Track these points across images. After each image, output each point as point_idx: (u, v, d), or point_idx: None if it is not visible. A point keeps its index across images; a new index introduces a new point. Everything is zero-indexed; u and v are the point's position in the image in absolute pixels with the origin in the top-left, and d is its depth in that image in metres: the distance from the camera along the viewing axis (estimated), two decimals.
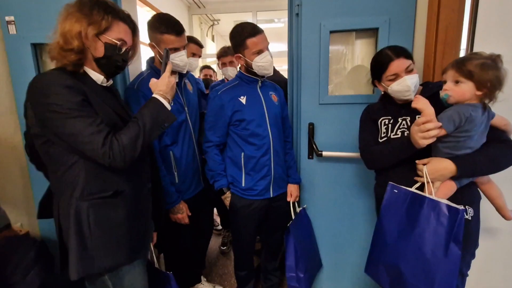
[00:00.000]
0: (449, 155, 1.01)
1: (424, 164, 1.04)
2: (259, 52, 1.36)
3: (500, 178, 1.10)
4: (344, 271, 1.72)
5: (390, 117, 1.18)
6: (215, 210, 2.45)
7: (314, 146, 1.56)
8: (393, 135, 1.15)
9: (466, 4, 1.24)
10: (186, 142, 1.48)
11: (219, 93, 1.43)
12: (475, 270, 1.15)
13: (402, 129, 1.14)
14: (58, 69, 0.90)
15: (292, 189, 1.59)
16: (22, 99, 0.89)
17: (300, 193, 1.66)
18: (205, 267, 2.08)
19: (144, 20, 1.38)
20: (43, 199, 1.05)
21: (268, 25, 5.44)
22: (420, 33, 1.39)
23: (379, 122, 1.20)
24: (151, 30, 1.34)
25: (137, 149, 0.90)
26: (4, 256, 1.26)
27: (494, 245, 1.39)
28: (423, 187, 1.04)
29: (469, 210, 1.06)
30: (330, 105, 1.54)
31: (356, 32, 1.54)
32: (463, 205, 1.04)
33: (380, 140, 1.19)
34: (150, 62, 1.46)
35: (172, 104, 1.00)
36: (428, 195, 1.01)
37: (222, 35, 6.40)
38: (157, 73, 1.36)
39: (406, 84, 1.07)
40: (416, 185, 1.08)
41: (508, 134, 1.05)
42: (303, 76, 1.54)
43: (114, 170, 0.91)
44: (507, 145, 1.02)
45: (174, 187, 1.43)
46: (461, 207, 0.93)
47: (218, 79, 2.78)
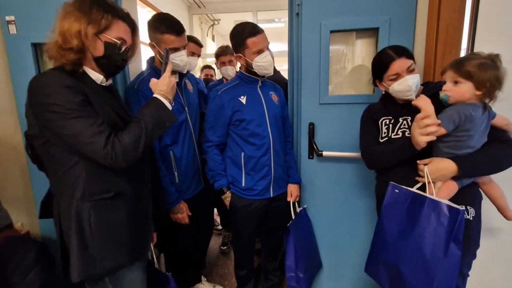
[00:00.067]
0: (450, 155, 1.01)
1: (425, 164, 1.04)
2: (260, 52, 1.36)
3: (502, 178, 1.09)
4: (344, 271, 1.72)
5: (391, 117, 1.18)
6: (215, 210, 2.45)
7: (315, 146, 1.56)
8: (394, 135, 1.15)
9: (467, 4, 1.24)
10: (186, 142, 1.48)
11: (219, 93, 1.43)
12: (476, 270, 1.15)
13: (403, 129, 1.14)
14: (57, 69, 0.89)
15: (292, 189, 1.59)
16: (22, 99, 0.88)
17: (300, 193, 1.66)
18: (205, 267, 2.08)
19: (145, 21, 1.38)
20: (45, 199, 1.04)
21: (269, 25, 5.43)
22: (421, 33, 1.39)
23: (380, 122, 1.20)
24: (151, 30, 1.34)
25: (139, 150, 0.89)
26: (5, 256, 1.25)
27: (495, 245, 1.39)
28: (425, 188, 1.04)
29: (470, 211, 1.06)
30: (331, 105, 1.54)
31: (357, 32, 1.54)
32: (464, 205, 1.04)
33: (381, 140, 1.19)
34: (151, 62, 1.46)
35: (173, 104, 1.00)
36: (429, 195, 1.00)
37: (223, 35, 6.40)
38: (157, 73, 1.36)
39: (408, 84, 1.07)
40: (417, 185, 1.08)
41: (510, 134, 1.04)
42: (304, 76, 1.54)
43: (115, 171, 0.90)
44: (509, 145, 1.02)
45: (174, 187, 1.43)
46: (462, 208, 0.93)
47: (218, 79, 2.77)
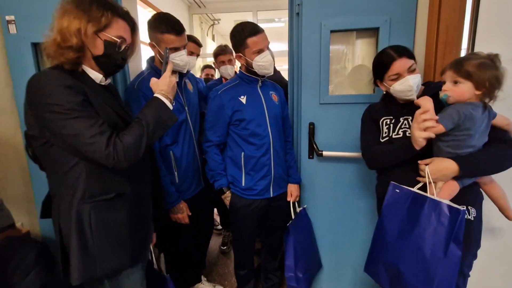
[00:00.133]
0: (451, 155, 1.01)
1: (426, 164, 1.04)
2: (260, 52, 1.36)
3: (502, 179, 1.09)
4: (344, 271, 1.72)
5: (392, 117, 1.18)
6: (215, 210, 2.45)
7: (315, 146, 1.56)
8: (395, 135, 1.15)
9: (467, 4, 1.24)
10: (186, 142, 1.48)
11: (219, 93, 1.43)
12: (477, 271, 1.15)
13: (404, 129, 1.13)
14: (56, 68, 0.87)
15: (292, 189, 1.59)
16: (22, 99, 0.87)
17: (301, 193, 1.66)
18: (205, 267, 2.08)
19: (146, 21, 1.37)
20: (46, 199, 1.03)
21: (269, 25, 5.43)
22: (421, 33, 1.39)
23: (381, 122, 1.20)
24: (151, 30, 1.34)
25: (141, 150, 0.88)
26: (5, 256, 1.25)
27: (497, 246, 1.39)
28: (426, 188, 1.04)
29: (472, 211, 1.06)
30: (331, 105, 1.54)
31: (357, 32, 1.54)
32: (466, 206, 1.03)
33: (382, 140, 1.19)
34: (150, 62, 1.45)
35: (173, 104, 1.00)
36: (430, 195, 1.00)
37: (223, 35, 6.40)
38: (157, 73, 1.36)
39: (409, 84, 1.07)
40: (418, 185, 1.08)
41: (510, 134, 1.04)
42: (304, 76, 1.54)
43: (116, 171, 0.89)
44: (509, 145, 1.02)
45: (174, 187, 1.43)
46: (462, 208, 0.93)
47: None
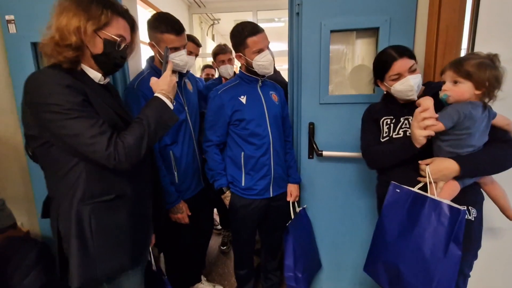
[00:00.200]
0: (452, 155, 1.01)
1: (427, 164, 1.04)
2: (260, 51, 1.36)
3: (503, 179, 1.09)
4: (344, 271, 1.72)
5: (392, 117, 1.18)
6: (215, 210, 2.45)
7: (315, 146, 1.56)
8: (395, 135, 1.15)
9: (467, 4, 1.24)
10: (186, 142, 1.48)
11: (219, 93, 1.43)
12: (477, 271, 1.15)
13: (404, 129, 1.13)
14: (54, 67, 0.85)
15: (292, 189, 1.59)
16: None
17: (300, 193, 1.66)
18: (205, 267, 2.08)
19: (146, 21, 1.37)
20: (47, 199, 1.02)
21: (269, 25, 5.42)
22: (421, 33, 1.39)
23: (381, 122, 1.20)
24: (151, 29, 1.33)
25: (142, 150, 0.86)
26: (5, 256, 1.24)
27: (497, 246, 1.39)
28: (426, 188, 1.04)
29: (472, 211, 1.06)
30: (331, 105, 1.54)
31: (357, 32, 1.54)
32: (466, 206, 1.03)
33: (382, 140, 1.19)
34: (150, 62, 1.45)
35: (174, 104, 0.99)
36: (430, 195, 1.00)
37: (223, 34, 6.39)
38: (157, 73, 1.36)
39: (409, 84, 1.07)
40: (419, 185, 1.07)
41: (511, 134, 1.04)
42: (304, 76, 1.54)
43: (116, 172, 0.87)
44: (510, 145, 1.02)
45: (174, 187, 1.43)
46: (463, 208, 0.93)
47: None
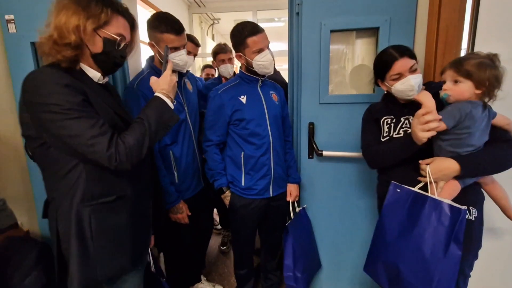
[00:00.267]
0: (452, 154, 1.01)
1: (427, 164, 1.03)
2: (260, 51, 1.36)
3: (504, 178, 1.09)
4: (344, 271, 1.72)
5: (393, 117, 1.18)
6: (215, 210, 2.45)
7: (314, 146, 1.56)
8: (396, 135, 1.15)
9: (467, 4, 1.24)
10: (186, 142, 1.48)
11: (219, 92, 1.43)
12: (478, 271, 1.15)
13: (405, 128, 1.14)
14: (53, 66, 0.83)
15: (292, 189, 1.59)
16: None
17: (300, 193, 1.66)
18: (205, 267, 2.08)
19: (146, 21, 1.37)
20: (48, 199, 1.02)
21: (268, 24, 5.42)
22: (421, 33, 1.39)
23: (382, 122, 1.20)
24: (151, 29, 1.33)
25: (144, 151, 0.86)
26: (6, 257, 1.23)
27: (498, 246, 1.39)
28: (427, 187, 1.04)
29: (473, 211, 1.06)
30: (331, 105, 1.53)
31: (357, 32, 1.54)
32: (467, 206, 1.03)
33: (383, 140, 1.19)
34: (150, 61, 1.45)
35: (175, 103, 0.99)
36: (430, 195, 1.00)
37: (222, 34, 6.39)
38: (157, 73, 1.35)
39: (410, 84, 1.07)
40: (419, 185, 1.07)
41: (511, 134, 1.04)
42: (304, 76, 1.54)
43: (116, 172, 0.86)
44: (510, 145, 1.02)
45: (174, 187, 1.42)
46: (463, 207, 0.93)
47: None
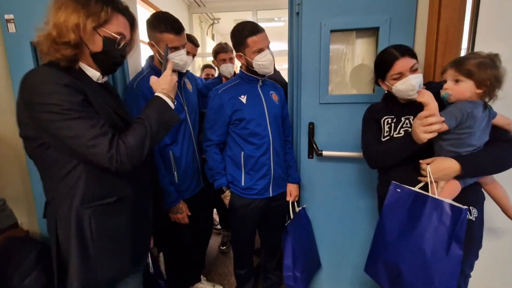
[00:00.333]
0: (453, 154, 1.01)
1: (428, 164, 1.03)
2: (260, 51, 1.36)
3: (504, 178, 1.09)
4: (344, 271, 1.72)
5: (393, 117, 1.17)
6: (214, 210, 2.45)
7: (314, 146, 1.56)
8: (396, 134, 1.15)
9: (467, 4, 1.24)
10: (186, 142, 1.48)
11: (219, 92, 1.43)
12: (478, 271, 1.14)
13: (405, 128, 1.13)
14: (52, 65, 0.82)
15: (292, 189, 1.59)
16: None
17: (300, 193, 1.66)
18: (205, 267, 2.08)
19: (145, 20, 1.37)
20: None
21: (268, 24, 5.42)
22: (421, 33, 1.39)
23: (382, 122, 1.20)
24: (150, 29, 1.33)
25: (145, 151, 0.85)
26: (6, 257, 1.23)
27: (498, 246, 1.38)
28: (427, 187, 1.03)
29: (473, 211, 1.05)
30: (331, 105, 1.53)
31: (357, 32, 1.54)
32: (467, 206, 1.03)
33: (383, 140, 1.19)
34: (150, 61, 1.45)
35: (175, 103, 0.99)
36: (431, 194, 1.00)
37: (222, 34, 6.38)
38: (157, 72, 1.35)
39: (411, 84, 1.07)
40: (420, 185, 1.07)
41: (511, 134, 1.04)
42: (303, 76, 1.53)
43: (117, 173, 0.85)
44: (511, 144, 1.02)
45: (174, 187, 1.42)
46: (464, 207, 0.93)
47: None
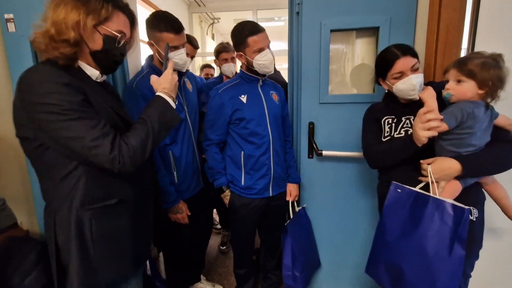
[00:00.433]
0: (454, 154, 1.01)
1: (429, 164, 1.03)
2: (260, 50, 1.36)
3: (505, 178, 1.09)
4: (344, 271, 1.72)
5: (394, 117, 1.17)
6: (214, 210, 2.45)
7: (314, 146, 1.55)
8: (397, 134, 1.15)
9: (468, 4, 1.24)
10: (186, 142, 1.47)
11: (220, 92, 1.43)
12: (479, 271, 1.14)
13: (406, 128, 1.13)
14: (50, 63, 0.80)
15: (292, 189, 1.59)
16: None
17: (300, 193, 1.66)
18: (205, 266, 2.08)
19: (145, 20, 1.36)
20: None
21: (268, 24, 5.41)
22: (421, 33, 1.39)
23: (382, 122, 1.19)
24: (150, 28, 1.33)
25: (147, 152, 0.84)
26: (6, 257, 1.23)
27: (499, 246, 1.38)
28: (428, 187, 1.03)
29: (474, 211, 1.05)
30: (330, 104, 1.53)
31: (357, 31, 1.54)
32: (468, 206, 1.03)
33: (384, 140, 1.18)
34: (149, 61, 1.45)
35: (177, 103, 0.98)
36: (432, 195, 1.00)
37: (222, 34, 6.38)
38: (156, 72, 1.35)
39: (412, 83, 1.06)
40: (420, 185, 1.07)
41: None
42: (304, 75, 1.53)
43: (118, 175, 0.83)
44: None
45: (174, 187, 1.42)
46: (466, 207, 0.93)
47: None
